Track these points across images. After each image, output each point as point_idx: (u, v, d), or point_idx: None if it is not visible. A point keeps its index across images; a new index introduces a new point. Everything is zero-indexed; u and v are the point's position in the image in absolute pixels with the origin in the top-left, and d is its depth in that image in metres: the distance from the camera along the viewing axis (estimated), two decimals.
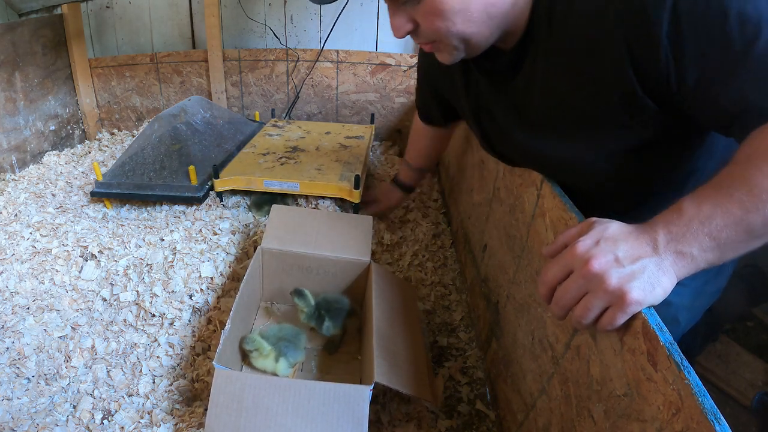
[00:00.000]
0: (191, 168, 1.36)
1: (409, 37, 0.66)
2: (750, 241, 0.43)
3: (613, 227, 0.47)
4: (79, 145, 1.98)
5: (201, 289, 1.11)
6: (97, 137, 2.07)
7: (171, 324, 1.02)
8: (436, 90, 1.01)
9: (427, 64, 0.99)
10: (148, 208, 1.43)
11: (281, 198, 1.44)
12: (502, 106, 0.74)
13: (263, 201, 1.42)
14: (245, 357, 0.94)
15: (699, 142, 0.64)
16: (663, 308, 0.45)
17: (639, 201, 0.72)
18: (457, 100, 0.88)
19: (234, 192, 1.49)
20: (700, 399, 0.36)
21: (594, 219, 0.50)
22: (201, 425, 0.79)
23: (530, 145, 0.73)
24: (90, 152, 1.90)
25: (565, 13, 0.58)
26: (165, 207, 1.43)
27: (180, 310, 1.05)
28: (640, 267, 0.44)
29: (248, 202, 1.46)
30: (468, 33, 0.61)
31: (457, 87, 0.84)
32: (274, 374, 0.91)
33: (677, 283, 0.45)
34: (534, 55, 0.63)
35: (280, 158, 1.56)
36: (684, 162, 0.66)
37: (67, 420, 0.82)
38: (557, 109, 0.64)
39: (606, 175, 0.69)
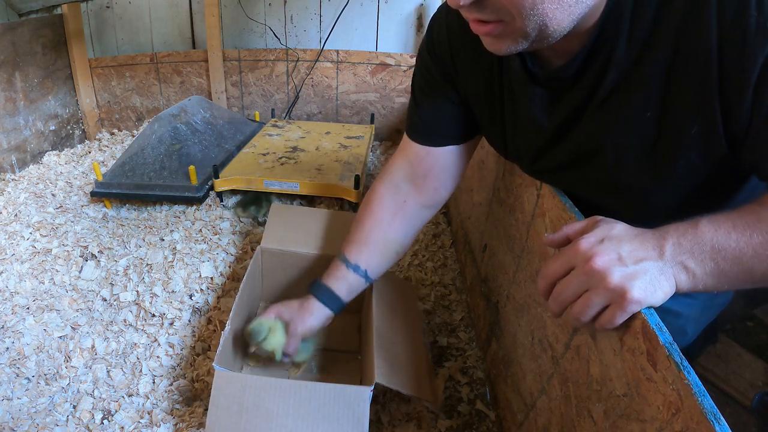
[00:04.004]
0: (191, 168, 1.36)
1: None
2: (747, 283, 0.44)
3: (619, 227, 0.47)
4: (79, 145, 1.98)
5: (201, 289, 1.11)
6: (97, 137, 2.07)
7: (171, 324, 1.02)
8: (453, 88, 0.77)
9: (439, 60, 0.76)
10: (148, 208, 1.43)
11: (265, 198, 1.43)
12: (553, 118, 0.63)
13: (248, 201, 1.42)
14: (247, 351, 0.89)
15: (741, 185, 0.61)
16: (673, 319, 0.44)
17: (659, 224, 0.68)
18: (486, 102, 0.73)
19: (234, 192, 1.49)
20: (699, 399, 0.36)
21: (599, 217, 0.50)
22: (201, 425, 0.79)
23: (578, 163, 0.64)
24: (90, 152, 1.90)
25: (651, 30, 0.51)
26: (165, 207, 1.43)
27: (180, 310, 1.05)
28: (643, 268, 0.43)
29: (235, 203, 1.46)
30: (550, 15, 0.48)
31: (492, 85, 0.70)
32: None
33: (687, 296, 0.44)
34: (604, 64, 0.56)
35: (280, 158, 1.56)
36: (722, 200, 0.62)
37: (67, 420, 0.82)
38: (624, 131, 0.57)
39: (649, 204, 0.63)
